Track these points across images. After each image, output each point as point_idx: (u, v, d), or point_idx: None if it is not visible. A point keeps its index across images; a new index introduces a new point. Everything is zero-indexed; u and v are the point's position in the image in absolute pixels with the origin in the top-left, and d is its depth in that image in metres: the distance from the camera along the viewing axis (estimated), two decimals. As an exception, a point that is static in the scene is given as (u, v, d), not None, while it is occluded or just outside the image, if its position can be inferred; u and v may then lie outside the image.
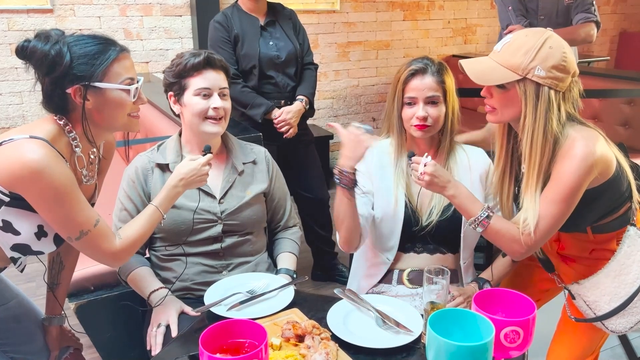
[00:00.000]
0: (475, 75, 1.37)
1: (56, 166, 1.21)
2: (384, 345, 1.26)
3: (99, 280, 1.95)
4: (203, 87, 1.61)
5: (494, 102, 1.39)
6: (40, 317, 1.61)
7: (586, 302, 1.49)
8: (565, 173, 1.32)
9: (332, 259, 2.98)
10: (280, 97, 2.64)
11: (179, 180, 1.43)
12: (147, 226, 1.39)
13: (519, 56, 1.31)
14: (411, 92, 1.58)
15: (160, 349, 1.48)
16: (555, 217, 1.35)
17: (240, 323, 1.12)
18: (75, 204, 1.25)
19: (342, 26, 4.46)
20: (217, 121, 1.63)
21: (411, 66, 1.59)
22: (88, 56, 1.24)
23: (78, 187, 1.27)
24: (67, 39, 1.25)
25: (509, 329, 1.12)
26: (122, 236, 1.35)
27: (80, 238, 1.28)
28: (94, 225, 1.29)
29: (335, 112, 4.65)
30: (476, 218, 1.41)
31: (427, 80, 1.58)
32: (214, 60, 1.62)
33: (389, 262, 1.67)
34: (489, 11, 5.09)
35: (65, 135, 1.30)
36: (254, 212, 1.71)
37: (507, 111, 1.38)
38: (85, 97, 1.25)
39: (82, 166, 1.35)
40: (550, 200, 1.34)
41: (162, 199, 1.42)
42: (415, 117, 1.58)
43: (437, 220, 1.62)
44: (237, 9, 2.63)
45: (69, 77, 1.24)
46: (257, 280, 1.56)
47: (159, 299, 1.57)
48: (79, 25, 3.53)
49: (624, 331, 1.47)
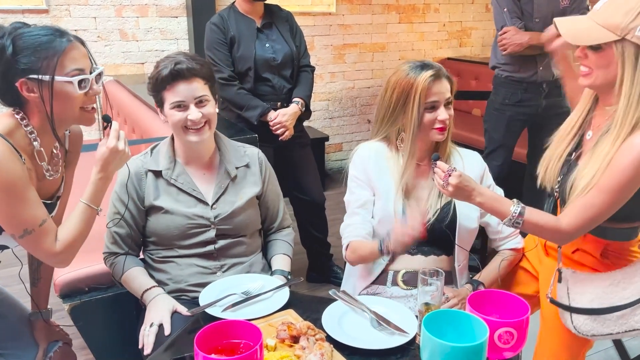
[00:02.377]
0: (569, 35, 1.32)
1: (7, 162, 1.20)
2: (379, 346, 1.27)
3: (92, 281, 1.94)
4: (176, 100, 1.58)
5: (590, 63, 1.33)
6: (26, 313, 1.61)
7: (568, 290, 1.46)
8: (621, 163, 1.27)
9: (328, 261, 2.99)
10: (276, 100, 2.64)
11: (103, 170, 1.36)
12: (83, 225, 1.36)
13: (619, 16, 1.24)
14: (434, 96, 1.57)
15: (151, 348, 1.47)
16: (601, 207, 1.30)
17: (236, 324, 1.12)
18: (21, 202, 1.24)
19: (338, 28, 4.47)
20: (198, 130, 1.60)
21: (426, 70, 1.56)
22: (31, 49, 1.22)
23: (29, 184, 1.26)
24: (16, 32, 1.23)
25: (503, 329, 1.12)
26: (59, 238, 1.33)
27: (24, 237, 1.27)
28: (39, 224, 1.27)
29: (331, 114, 4.66)
30: (510, 217, 1.38)
31: (444, 83, 1.59)
32: (182, 71, 1.55)
33: (384, 263, 1.67)
34: (484, 14, 5.12)
35: (23, 128, 1.29)
36: (247, 216, 1.71)
37: (602, 73, 1.31)
38: (31, 90, 1.24)
39: (42, 160, 1.33)
40: (600, 188, 1.30)
41: (91, 193, 1.37)
42: (438, 121, 1.58)
43: (432, 222, 1.62)
44: (233, 11, 2.63)
45: (13, 70, 1.22)
46: (252, 282, 1.55)
47: (151, 298, 1.57)
48: (75, 26, 3.52)
49: (585, 334, 1.43)
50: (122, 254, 1.67)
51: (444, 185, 1.41)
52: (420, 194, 1.67)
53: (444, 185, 1.41)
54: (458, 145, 1.74)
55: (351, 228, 1.67)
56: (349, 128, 4.73)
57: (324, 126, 4.64)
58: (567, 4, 2.68)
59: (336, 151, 4.74)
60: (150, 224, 1.65)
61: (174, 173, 1.66)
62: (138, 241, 1.70)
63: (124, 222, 1.65)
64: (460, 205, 1.64)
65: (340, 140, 4.75)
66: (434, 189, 1.65)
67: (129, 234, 1.66)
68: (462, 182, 1.40)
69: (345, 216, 1.72)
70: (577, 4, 2.74)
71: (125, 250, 1.67)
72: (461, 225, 1.63)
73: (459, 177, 1.39)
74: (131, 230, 1.66)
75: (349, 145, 4.76)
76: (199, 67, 1.59)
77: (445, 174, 1.40)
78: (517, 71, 2.82)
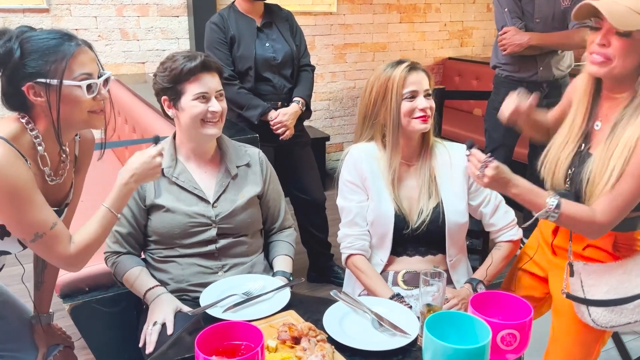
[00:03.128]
0: (615, 18, 1.27)
1: (12, 166, 1.19)
2: (380, 347, 1.26)
3: (93, 281, 1.94)
4: (201, 91, 1.60)
5: (612, 51, 1.30)
6: (27, 315, 1.61)
7: (582, 283, 1.45)
8: None
9: (328, 261, 2.98)
10: (276, 99, 2.63)
11: (130, 176, 1.35)
12: (101, 230, 1.34)
13: None
14: (411, 85, 1.60)
15: (153, 347, 1.47)
16: (633, 192, 1.30)
17: (237, 325, 1.11)
18: (29, 205, 1.22)
19: (338, 28, 4.46)
20: (215, 123, 1.63)
21: (402, 64, 1.62)
22: (39, 52, 1.21)
23: (36, 188, 1.24)
24: (24, 35, 1.22)
25: (506, 331, 1.12)
26: (75, 241, 1.31)
27: (35, 240, 1.25)
28: (49, 227, 1.26)
29: (332, 113, 4.65)
30: (547, 210, 1.35)
31: (421, 74, 1.63)
32: (210, 64, 1.61)
33: (382, 263, 1.68)
34: (485, 14, 5.11)
35: (28, 133, 1.27)
36: (248, 215, 1.71)
37: (621, 62, 1.29)
38: (38, 94, 1.22)
39: (45, 165, 1.32)
40: (631, 174, 1.29)
41: (114, 199, 1.35)
42: (419, 109, 1.60)
43: (426, 222, 1.64)
44: (233, 10, 2.63)
45: (20, 74, 1.21)
46: (253, 282, 1.55)
47: (154, 297, 1.57)
48: (75, 25, 3.52)
49: (604, 326, 1.43)
50: (123, 254, 1.67)
51: (480, 175, 1.35)
52: (410, 194, 1.68)
53: (480, 176, 1.35)
54: None
55: (352, 239, 1.69)
56: (349, 128, 4.72)
57: (325, 126, 4.63)
58: (568, 4, 2.68)
59: (337, 151, 4.74)
60: (151, 223, 1.65)
61: (176, 171, 1.66)
62: (139, 240, 1.70)
63: (125, 222, 1.64)
64: (448, 201, 1.65)
65: (341, 140, 4.75)
66: (423, 190, 1.66)
67: (130, 233, 1.66)
68: (499, 174, 1.34)
69: (343, 223, 1.72)
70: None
71: (127, 250, 1.67)
72: (450, 221, 1.65)
73: (496, 168, 1.34)
74: (132, 230, 1.66)
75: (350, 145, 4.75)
76: (218, 64, 1.67)
77: (483, 164, 1.34)
78: (517, 71, 2.82)
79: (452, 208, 1.65)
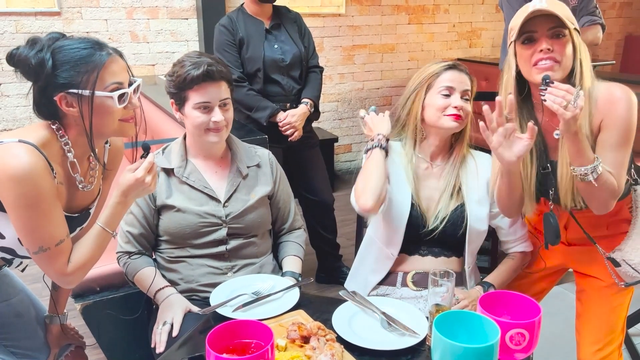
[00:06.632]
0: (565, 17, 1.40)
1: (39, 176, 1.18)
2: (389, 347, 1.27)
3: (104, 281, 1.96)
4: (202, 101, 1.59)
5: (556, 54, 1.39)
6: (42, 314, 1.62)
7: (632, 266, 1.50)
8: (618, 117, 1.36)
9: (336, 262, 2.99)
10: (285, 100, 2.65)
11: (123, 196, 1.32)
12: (96, 248, 1.32)
13: (568, 12, 1.42)
14: (448, 82, 1.58)
15: (164, 347, 1.49)
16: (623, 163, 1.38)
17: (247, 324, 1.12)
18: (44, 218, 1.22)
19: (347, 29, 4.47)
20: (218, 131, 1.63)
21: (444, 62, 1.61)
22: (71, 63, 1.20)
23: (56, 202, 1.24)
24: (55, 45, 1.22)
25: (515, 331, 1.12)
26: (71, 260, 1.30)
27: (38, 253, 1.25)
28: (55, 244, 1.25)
29: (340, 115, 4.66)
30: (595, 165, 1.32)
31: (462, 75, 1.61)
32: (213, 73, 1.57)
33: (393, 258, 1.66)
34: (494, 15, 5.10)
35: (58, 140, 1.27)
36: (258, 215, 1.72)
37: (564, 60, 1.39)
38: (70, 104, 1.22)
39: (75, 172, 1.32)
40: (613, 147, 1.36)
41: (108, 217, 1.32)
42: (452, 107, 1.57)
43: (444, 224, 1.62)
44: (242, 13, 2.64)
45: (52, 84, 1.21)
46: (262, 282, 1.56)
47: (164, 297, 1.58)
48: (86, 28, 3.55)
49: None
50: (135, 254, 1.68)
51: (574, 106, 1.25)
52: (431, 194, 1.66)
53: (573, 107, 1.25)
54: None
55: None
56: (358, 129, 4.72)
57: (333, 127, 4.64)
58: (575, 3, 2.67)
59: (345, 152, 4.74)
60: (162, 223, 1.67)
61: (186, 171, 1.67)
62: (151, 241, 1.71)
63: (136, 222, 1.66)
64: (472, 208, 1.63)
65: (349, 142, 4.75)
66: (445, 194, 1.64)
67: (141, 234, 1.68)
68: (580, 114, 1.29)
69: None
70: (585, 4, 2.73)
71: (139, 250, 1.68)
72: (472, 228, 1.63)
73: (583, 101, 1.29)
74: (144, 230, 1.67)
75: (358, 147, 4.76)
76: (226, 71, 1.63)
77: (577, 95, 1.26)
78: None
79: (474, 214, 1.63)
